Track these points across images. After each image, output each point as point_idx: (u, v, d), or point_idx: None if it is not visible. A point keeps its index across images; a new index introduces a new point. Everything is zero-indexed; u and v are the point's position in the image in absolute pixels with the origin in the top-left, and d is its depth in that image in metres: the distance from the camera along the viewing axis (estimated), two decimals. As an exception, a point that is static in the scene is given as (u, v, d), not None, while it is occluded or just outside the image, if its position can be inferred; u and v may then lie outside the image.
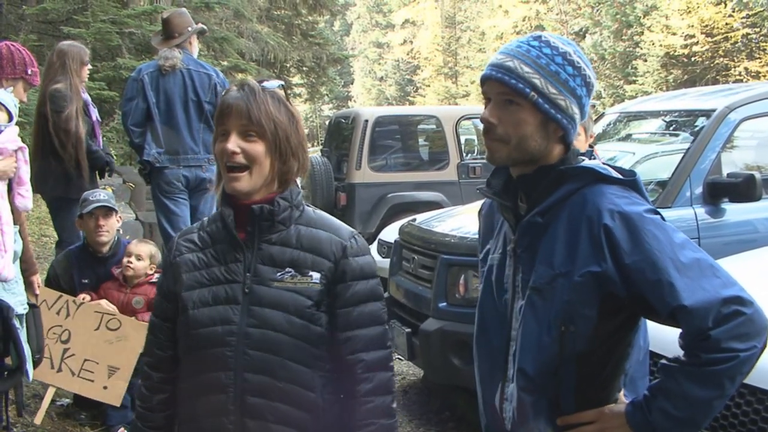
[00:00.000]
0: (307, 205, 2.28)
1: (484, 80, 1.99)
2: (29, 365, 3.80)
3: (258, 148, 2.12)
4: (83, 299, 4.61)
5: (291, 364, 2.13)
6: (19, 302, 3.92)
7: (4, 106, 4.06)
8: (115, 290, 4.71)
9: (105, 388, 4.37)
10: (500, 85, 1.94)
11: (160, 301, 2.31)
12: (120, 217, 5.01)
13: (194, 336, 2.16)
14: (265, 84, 2.19)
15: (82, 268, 4.79)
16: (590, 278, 1.87)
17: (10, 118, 3.99)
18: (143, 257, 4.70)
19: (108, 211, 4.78)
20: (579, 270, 1.88)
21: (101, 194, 4.89)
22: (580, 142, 3.12)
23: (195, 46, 6.33)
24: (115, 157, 10.79)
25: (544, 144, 1.96)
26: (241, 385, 2.12)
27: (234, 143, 2.10)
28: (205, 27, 6.65)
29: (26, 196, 4.04)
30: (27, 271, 4.30)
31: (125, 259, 4.68)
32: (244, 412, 2.13)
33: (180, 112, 6.00)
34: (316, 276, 2.16)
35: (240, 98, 2.12)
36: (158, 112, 5.99)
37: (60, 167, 5.74)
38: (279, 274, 2.15)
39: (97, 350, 4.42)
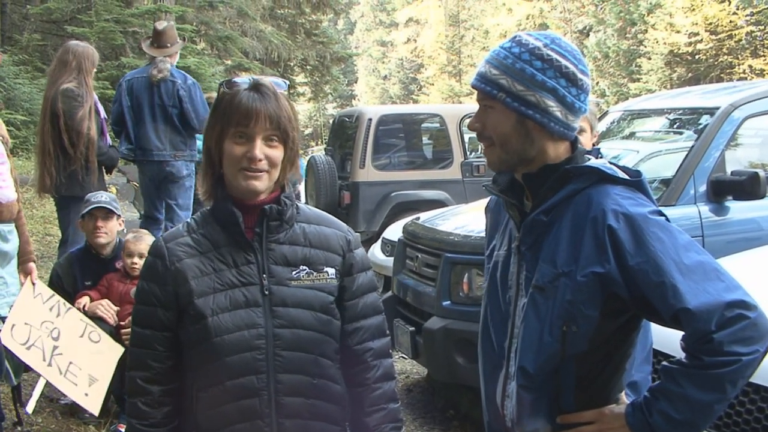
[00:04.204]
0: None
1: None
2: None
3: (278, 153, 2.13)
4: (84, 304, 4.59)
5: (322, 359, 2.18)
6: (6, 303, 4.00)
7: None
8: (116, 280, 4.71)
9: (86, 395, 4.33)
10: (478, 91, 2.01)
11: (153, 312, 2.16)
12: (122, 221, 5.00)
13: (219, 343, 2.09)
14: (275, 82, 2.17)
15: (85, 270, 4.77)
16: (593, 278, 1.86)
17: None
18: (146, 255, 4.67)
19: (108, 213, 4.76)
20: (582, 270, 1.88)
21: (103, 196, 4.86)
22: (585, 140, 3.10)
23: (176, 56, 7.25)
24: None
25: (527, 142, 1.96)
26: (275, 386, 2.12)
27: (260, 150, 2.08)
28: (185, 42, 8.17)
29: (4, 186, 4.11)
30: (23, 257, 4.33)
31: (128, 260, 4.65)
32: (279, 412, 2.12)
33: (147, 115, 6.82)
34: (331, 272, 2.21)
35: (265, 102, 2.09)
36: (132, 115, 6.87)
37: (69, 166, 5.75)
38: (295, 273, 2.17)
39: (81, 357, 4.38)
